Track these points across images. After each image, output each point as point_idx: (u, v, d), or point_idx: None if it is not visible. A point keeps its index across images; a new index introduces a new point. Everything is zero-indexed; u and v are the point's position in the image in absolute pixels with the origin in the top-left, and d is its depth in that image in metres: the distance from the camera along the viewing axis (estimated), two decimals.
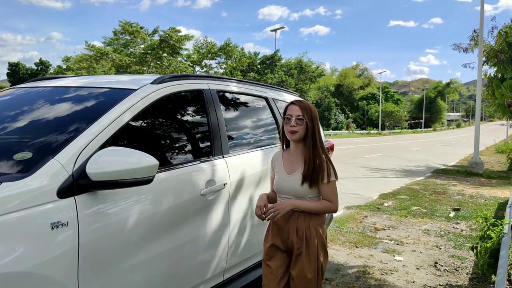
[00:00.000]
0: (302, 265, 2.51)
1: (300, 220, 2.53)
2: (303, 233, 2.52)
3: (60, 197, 1.90)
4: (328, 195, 2.54)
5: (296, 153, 2.58)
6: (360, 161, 17.34)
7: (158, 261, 2.39)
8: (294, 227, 2.53)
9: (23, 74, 50.83)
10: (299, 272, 2.51)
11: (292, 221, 2.54)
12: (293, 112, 2.51)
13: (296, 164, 2.56)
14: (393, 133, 60.49)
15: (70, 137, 2.13)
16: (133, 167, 1.99)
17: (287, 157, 2.62)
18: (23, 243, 1.73)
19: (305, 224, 2.52)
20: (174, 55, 34.20)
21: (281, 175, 2.59)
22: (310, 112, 2.52)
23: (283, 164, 2.61)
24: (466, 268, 4.76)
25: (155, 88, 2.63)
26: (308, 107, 2.54)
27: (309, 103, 2.64)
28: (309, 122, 2.50)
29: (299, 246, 2.51)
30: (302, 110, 2.50)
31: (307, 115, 2.50)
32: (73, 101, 2.63)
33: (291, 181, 2.53)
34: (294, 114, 2.50)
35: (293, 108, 2.52)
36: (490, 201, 8.99)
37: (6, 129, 2.46)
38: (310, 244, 2.52)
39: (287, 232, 2.55)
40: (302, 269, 2.50)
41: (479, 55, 14.38)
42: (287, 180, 2.55)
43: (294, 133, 2.49)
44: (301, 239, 2.51)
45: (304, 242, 2.51)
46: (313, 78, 53.22)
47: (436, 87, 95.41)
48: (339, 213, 7.34)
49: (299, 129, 2.49)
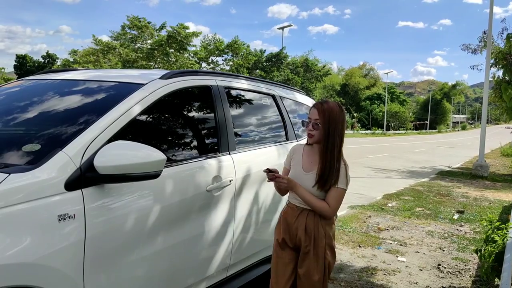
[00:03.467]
0: (309, 264, 2.51)
1: (309, 218, 2.53)
2: (311, 231, 2.52)
3: (68, 190, 1.91)
4: (330, 199, 2.50)
5: (315, 152, 2.56)
6: (365, 161, 17.30)
7: (162, 255, 2.40)
8: (303, 225, 2.53)
9: (30, 66, 51.04)
10: (307, 271, 2.51)
11: (301, 219, 2.54)
12: (312, 115, 2.51)
13: (314, 163, 2.54)
14: (398, 134, 60.29)
15: (78, 130, 2.14)
16: (141, 161, 1.99)
17: (307, 153, 2.61)
18: (30, 235, 1.74)
19: (314, 223, 2.52)
20: (181, 51, 34.24)
21: (298, 170, 2.58)
22: (328, 116, 2.46)
23: (302, 159, 2.60)
24: (469, 271, 4.75)
25: (163, 83, 2.63)
26: (327, 110, 2.47)
27: (332, 105, 2.53)
28: (325, 126, 2.46)
29: (306, 244, 2.52)
30: (320, 113, 2.47)
31: (324, 118, 2.46)
32: (82, 94, 2.64)
33: (306, 179, 2.52)
34: (313, 118, 2.49)
35: (313, 112, 2.52)
36: (494, 204, 8.95)
37: (15, 121, 2.47)
38: (317, 243, 2.52)
39: (295, 229, 2.55)
40: (309, 268, 2.51)
41: (487, 57, 14.29)
42: (303, 177, 2.54)
43: (311, 136, 2.50)
44: (309, 237, 2.52)
45: (312, 241, 2.51)
46: (319, 77, 53.13)
47: (442, 89, 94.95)
48: (343, 212, 7.34)
49: (315, 133, 2.48)
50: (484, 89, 14.74)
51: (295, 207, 2.57)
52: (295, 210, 2.56)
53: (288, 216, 2.57)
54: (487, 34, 14.52)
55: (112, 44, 33.46)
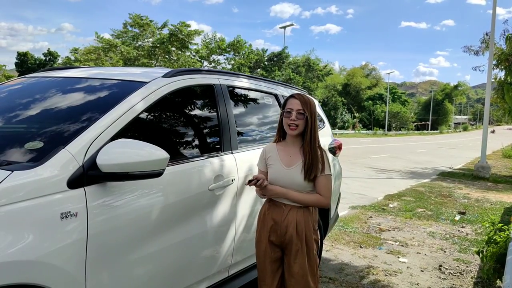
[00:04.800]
0: (303, 261, 2.52)
1: (300, 215, 2.53)
2: (302, 229, 2.52)
3: (70, 188, 1.90)
4: (322, 189, 2.53)
5: (294, 146, 2.57)
6: (366, 161, 17.28)
7: (164, 254, 2.39)
8: (293, 223, 2.52)
9: (31, 64, 51.05)
10: (301, 268, 2.52)
11: (291, 216, 2.53)
12: (293, 106, 2.50)
13: (294, 157, 2.54)
14: (399, 134, 60.26)
15: (81, 127, 2.13)
16: (144, 159, 1.99)
17: (282, 150, 2.60)
18: (32, 232, 1.73)
19: (304, 220, 2.53)
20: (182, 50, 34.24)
21: (278, 168, 2.56)
22: (310, 107, 2.51)
23: (279, 156, 2.59)
24: (471, 272, 4.73)
25: (166, 82, 2.63)
26: (308, 101, 2.53)
27: (309, 96, 2.64)
28: (309, 116, 2.49)
29: (298, 242, 2.52)
30: (303, 104, 2.50)
31: (307, 109, 2.49)
32: (84, 92, 2.63)
33: (290, 174, 2.52)
34: (295, 108, 2.49)
35: (294, 102, 2.51)
36: (496, 205, 8.93)
37: (18, 118, 2.46)
38: (308, 240, 2.53)
39: (285, 227, 2.53)
40: (303, 265, 2.52)
41: (489, 58, 14.26)
42: (286, 173, 2.53)
43: (294, 128, 2.49)
44: (301, 235, 2.52)
45: (304, 238, 2.52)
46: (321, 77, 53.10)
47: (444, 89, 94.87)
48: (344, 212, 7.33)
49: (299, 123, 2.49)
50: (486, 90, 14.70)
51: (282, 206, 2.55)
52: (283, 208, 2.54)
53: (275, 215, 2.55)
54: (490, 35, 14.49)
55: (114, 42, 33.45)
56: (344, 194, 7.53)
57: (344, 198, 7.60)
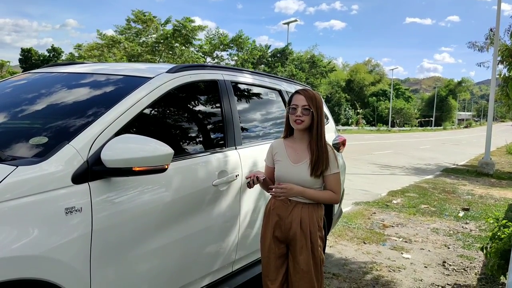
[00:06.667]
0: (307, 258, 2.52)
1: (304, 212, 2.53)
2: (307, 225, 2.52)
3: (75, 183, 1.90)
4: (333, 186, 2.54)
5: (301, 142, 2.57)
6: (369, 157, 17.25)
7: (168, 250, 2.39)
8: (297, 219, 2.52)
9: (35, 60, 51.17)
10: (305, 264, 2.52)
11: (295, 213, 2.53)
12: (299, 102, 2.49)
13: (302, 153, 2.54)
14: (403, 131, 60.08)
15: (85, 123, 2.13)
16: (148, 155, 1.99)
17: (290, 146, 2.60)
18: (37, 227, 1.74)
19: (308, 216, 2.53)
20: (186, 45, 34.21)
21: (285, 164, 2.56)
22: (316, 102, 2.50)
23: (287, 152, 2.59)
24: (474, 268, 4.73)
25: (170, 77, 2.62)
26: (313, 97, 2.52)
27: (314, 92, 2.63)
28: (315, 112, 2.48)
29: (302, 238, 2.52)
30: (308, 99, 2.48)
31: (313, 105, 2.48)
32: (89, 88, 2.63)
33: (298, 170, 2.52)
34: (300, 104, 2.48)
35: (299, 98, 2.50)
36: (500, 202, 8.91)
37: (22, 113, 2.47)
38: (313, 237, 2.53)
39: (289, 223, 2.54)
40: (308, 262, 2.52)
41: (494, 55, 14.18)
42: (293, 169, 2.53)
43: (300, 122, 2.48)
44: (305, 231, 2.52)
45: (308, 234, 2.52)
46: (324, 73, 52.98)
47: (448, 86, 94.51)
48: (348, 208, 7.32)
49: (305, 119, 2.48)
50: (491, 87, 14.64)
51: (287, 201, 2.55)
52: (288, 204, 2.54)
53: (280, 211, 2.56)
54: (495, 31, 14.39)
55: (117, 38, 33.45)
56: (347, 190, 7.52)
57: (347, 194, 7.59)
